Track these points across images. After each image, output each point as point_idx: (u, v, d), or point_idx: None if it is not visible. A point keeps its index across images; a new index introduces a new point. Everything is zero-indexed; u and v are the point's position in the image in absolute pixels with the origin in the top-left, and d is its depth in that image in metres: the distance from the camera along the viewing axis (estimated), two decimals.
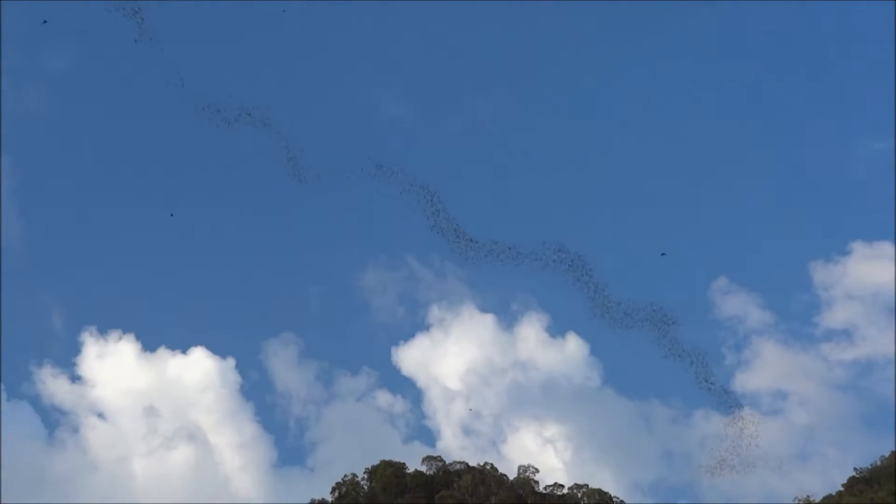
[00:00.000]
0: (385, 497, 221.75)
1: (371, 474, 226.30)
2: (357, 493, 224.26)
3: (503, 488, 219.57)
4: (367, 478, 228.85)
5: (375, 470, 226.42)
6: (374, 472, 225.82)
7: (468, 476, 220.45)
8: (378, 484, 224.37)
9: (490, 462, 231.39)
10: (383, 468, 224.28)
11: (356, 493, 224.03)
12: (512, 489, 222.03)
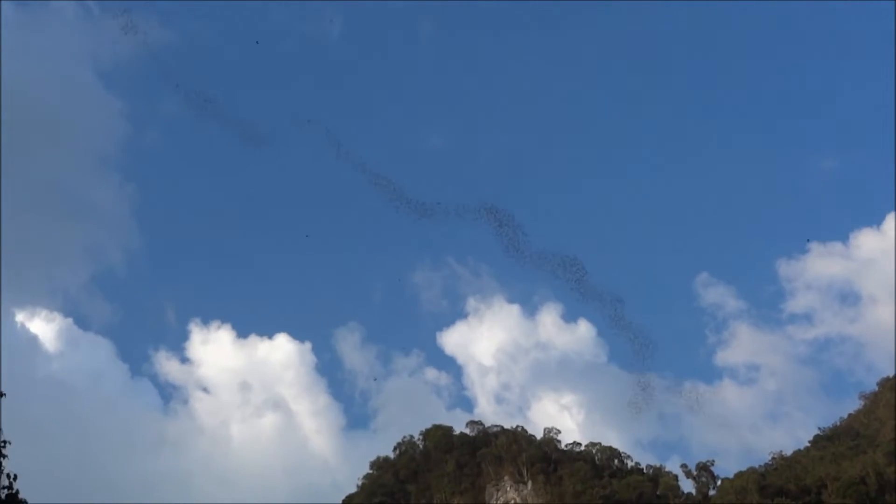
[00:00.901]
0: (436, 454, 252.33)
1: (425, 436, 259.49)
2: (414, 451, 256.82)
3: (532, 446, 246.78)
4: (421, 438, 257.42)
5: (428, 432, 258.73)
6: (427, 434, 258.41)
7: (503, 437, 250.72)
8: (430, 443, 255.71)
9: (520, 425, 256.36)
10: (434, 431, 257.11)
11: (413, 451, 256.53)
12: (539, 447, 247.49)
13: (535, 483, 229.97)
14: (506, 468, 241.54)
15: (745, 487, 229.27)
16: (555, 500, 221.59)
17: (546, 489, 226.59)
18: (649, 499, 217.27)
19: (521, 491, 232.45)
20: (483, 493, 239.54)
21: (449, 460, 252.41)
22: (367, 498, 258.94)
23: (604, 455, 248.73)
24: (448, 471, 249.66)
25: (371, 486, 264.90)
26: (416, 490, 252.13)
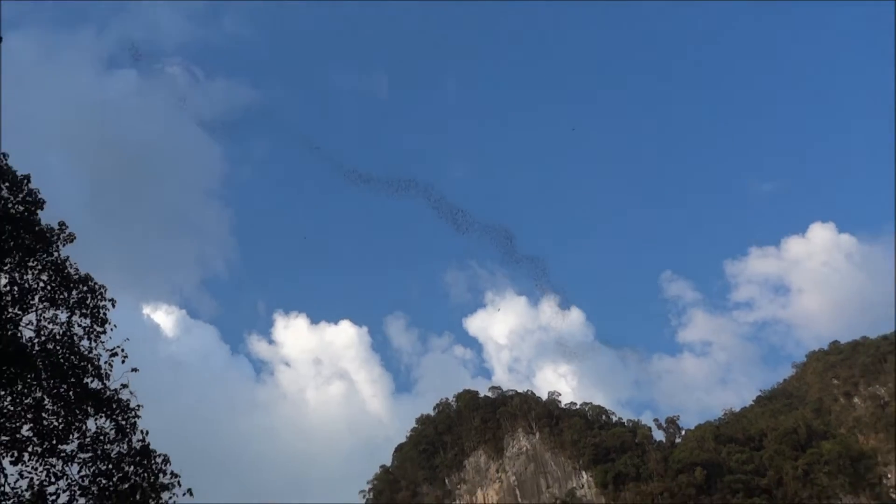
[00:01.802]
0: (466, 412, 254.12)
1: (457, 398, 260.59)
2: (448, 410, 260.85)
3: (539, 405, 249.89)
4: (454, 400, 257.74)
5: (459, 395, 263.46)
6: (459, 396, 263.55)
7: (517, 398, 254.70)
8: (461, 404, 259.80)
9: (530, 389, 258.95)
10: (464, 394, 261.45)
11: (448, 410, 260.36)
12: (544, 406, 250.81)
13: (541, 434, 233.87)
14: (519, 422, 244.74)
15: (703, 436, 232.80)
16: (557, 446, 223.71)
17: (550, 438, 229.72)
18: (629, 446, 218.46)
19: (530, 440, 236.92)
20: (502, 442, 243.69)
21: (475, 417, 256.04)
22: (414, 446, 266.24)
23: (594, 412, 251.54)
24: (475, 425, 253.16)
25: (416, 437, 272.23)
26: (450, 440, 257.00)
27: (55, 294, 23.64)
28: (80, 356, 23.57)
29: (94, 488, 23.10)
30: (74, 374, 22.96)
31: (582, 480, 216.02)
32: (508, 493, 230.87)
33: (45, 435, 22.41)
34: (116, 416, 23.59)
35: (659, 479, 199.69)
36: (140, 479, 23.60)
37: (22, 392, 21.89)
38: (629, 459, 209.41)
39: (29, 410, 22.15)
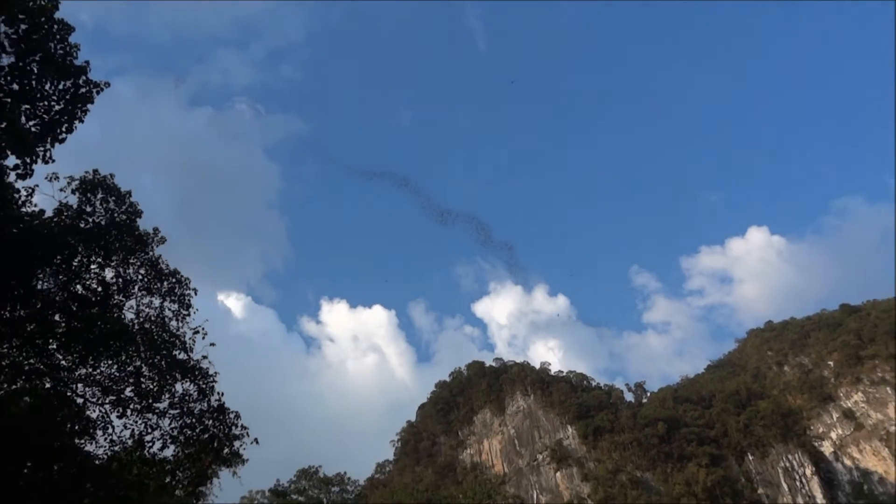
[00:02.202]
0: (475, 378, 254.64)
1: (468, 367, 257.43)
2: (461, 376, 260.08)
3: (533, 373, 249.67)
4: (466, 369, 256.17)
5: (469, 365, 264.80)
6: (469, 366, 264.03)
7: (515, 367, 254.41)
8: (471, 372, 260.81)
9: (526, 360, 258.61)
10: (473, 364, 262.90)
11: (460, 377, 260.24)
12: (538, 374, 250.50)
13: (535, 396, 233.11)
14: (517, 387, 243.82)
15: (664, 397, 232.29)
16: (547, 406, 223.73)
17: (542, 399, 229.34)
18: (605, 405, 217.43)
19: (526, 401, 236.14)
20: (503, 402, 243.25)
21: (482, 382, 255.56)
22: (433, 405, 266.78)
23: (577, 378, 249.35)
24: (482, 388, 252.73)
25: (435, 398, 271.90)
26: (462, 400, 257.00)
27: (151, 285, 23.92)
28: (170, 333, 23.88)
29: (181, 438, 23.42)
30: (166, 348, 23.29)
31: (568, 433, 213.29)
32: (509, 443, 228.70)
33: (143, 395, 22.74)
34: (198, 381, 23.91)
35: (629, 432, 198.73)
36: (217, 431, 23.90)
37: (125, 362, 22.19)
38: (605, 416, 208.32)
39: (131, 376, 22.46)
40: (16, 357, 21.99)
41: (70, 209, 22.19)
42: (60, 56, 16.70)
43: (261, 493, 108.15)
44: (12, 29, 16.02)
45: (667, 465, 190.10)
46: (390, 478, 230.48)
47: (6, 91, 16.36)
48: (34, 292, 21.06)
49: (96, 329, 20.64)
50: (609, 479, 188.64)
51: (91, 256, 22.21)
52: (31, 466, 20.42)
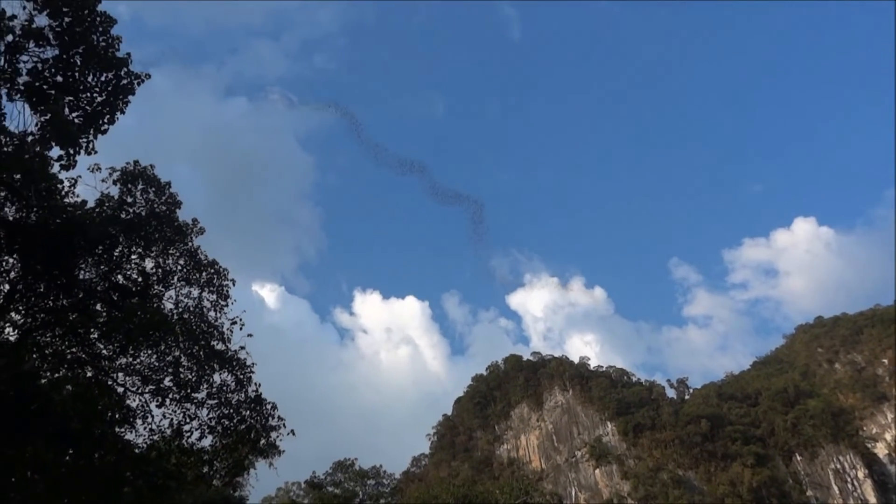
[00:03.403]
0: (512, 372, 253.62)
1: (505, 361, 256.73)
2: (498, 370, 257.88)
3: (571, 368, 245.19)
4: (503, 362, 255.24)
5: (507, 359, 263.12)
6: (507, 360, 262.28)
7: (554, 362, 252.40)
8: (508, 365, 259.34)
9: (564, 354, 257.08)
10: (511, 357, 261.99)
11: (498, 370, 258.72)
12: (576, 368, 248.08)
13: (573, 391, 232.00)
14: (555, 381, 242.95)
15: (708, 394, 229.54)
16: (586, 401, 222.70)
17: (581, 395, 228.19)
18: (646, 401, 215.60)
19: (565, 396, 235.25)
20: (541, 397, 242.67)
21: (520, 376, 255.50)
22: (470, 399, 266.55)
23: (617, 373, 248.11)
24: (519, 383, 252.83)
25: (472, 392, 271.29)
26: (499, 395, 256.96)
27: (189, 275, 24.43)
28: (208, 324, 24.37)
29: (219, 428, 23.90)
30: (204, 338, 23.77)
31: (607, 429, 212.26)
32: (546, 438, 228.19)
33: (181, 385, 23.26)
34: (236, 372, 24.36)
35: (671, 429, 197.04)
36: (254, 422, 24.34)
37: (164, 352, 22.72)
38: (646, 412, 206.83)
39: (170, 366, 22.99)
40: (58, 346, 22.70)
41: (111, 200, 22.82)
42: (103, 48, 17.14)
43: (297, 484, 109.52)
44: (56, 22, 16.50)
45: (710, 464, 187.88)
46: (426, 472, 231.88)
47: (50, 83, 16.85)
48: (76, 282, 21.69)
49: (136, 319, 21.16)
50: (650, 477, 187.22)
51: (132, 247, 22.79)
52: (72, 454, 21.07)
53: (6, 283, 21.73)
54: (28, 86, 16.73)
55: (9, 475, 19.90)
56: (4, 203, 21.34)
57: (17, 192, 20.47)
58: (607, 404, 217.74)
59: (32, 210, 21.04)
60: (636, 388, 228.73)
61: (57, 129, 17.06)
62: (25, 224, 20.92)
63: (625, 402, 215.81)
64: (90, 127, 17.85)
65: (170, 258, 23.83)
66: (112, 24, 17.47)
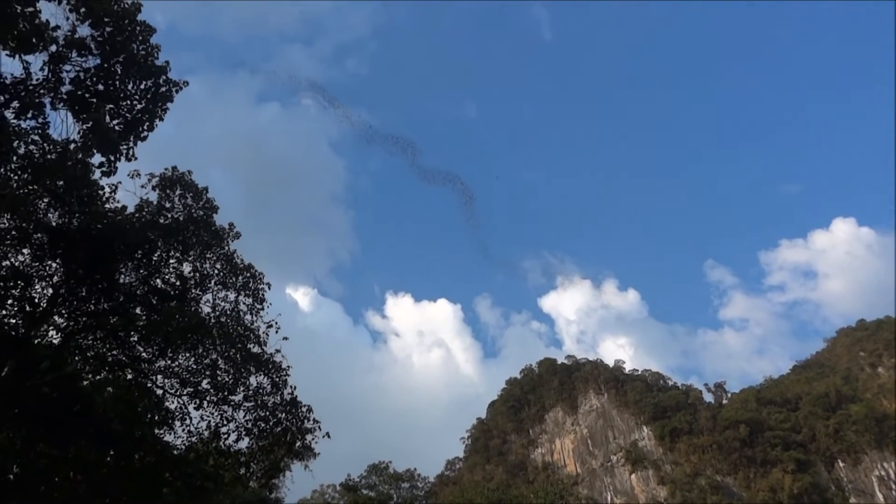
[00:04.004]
0: (546, 376, 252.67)
1: (539, 364, 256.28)
2: (532, 373, 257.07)
3: (606, 371, 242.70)
4: (537, 366, 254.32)
5: (541, 362, 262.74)
6: (541, 363, 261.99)
7: (588, 365, 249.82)
8: (543, 369, 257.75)
9: (599, 357, 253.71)
10: (545, 361, 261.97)
11: (532, 374, 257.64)
12: (611, 372, 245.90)
13: (609, 395, 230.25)
14: (590, 385, 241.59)
15: (746, 399, 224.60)
16: (622, 405, 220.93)
17: (616, 398, 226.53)
18: (683, 405, 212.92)
19: (600, 399, 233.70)
20: (576, 401, 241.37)
21: (554, 380, 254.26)
22: (504, 403, 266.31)
23: (653, 377, 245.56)
24: (554, 386, 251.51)
25: (506, 396, 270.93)
26: (534, 398, 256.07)
27: (226, 279, 24.82)
28: (245, 327, 24.71)
29: (255, 430, 24.21)
30: (240, 341, 24.10)
31: (643, 434, 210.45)
32: (581, 443, 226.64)
33: (219, 388, 23.62)
34: (272, 374, 24.66)
35: (708, 434, 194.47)
36: (290, 424, 24.60)
37: (202, 354, 23.11)
38: (683, 417, 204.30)
39: (207, 368, 23.36)
40: (100, 348, 23.23)
41: (150, 205, 23.34)
42: (142, 57, 17.54)
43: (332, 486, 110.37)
44: (98, 31, 16.92)
45: (749, 469, 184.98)
46: (460, 475, 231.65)
47: (92, 92, 17.30)
48: (117, 286, 22.18)
49: (175, 322, 21.58)
50: (687, 482, 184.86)
51: (170, 251, 23.26)
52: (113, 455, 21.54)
53: (49, 288, 22.32)
54: (71, 95, 17.18)
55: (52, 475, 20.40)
56: (48, 209, 21.95)
57: (60, 199, 21.02)
58: (643, 408, 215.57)
59: (74, 216, 21.59)
60: (672, 392, 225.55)
61: (98, 137, 17.50)
62: (68, 229, 21.46)
63: (661, 407, 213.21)
64: (130, 134, 18.28)
65: (207, 262, 24.24)
66: (151, 34, 17.86)
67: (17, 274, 21.99)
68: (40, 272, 22.42)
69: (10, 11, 15.26)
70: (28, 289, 22.25)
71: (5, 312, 22.23)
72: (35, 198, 21.68)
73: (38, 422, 20.47)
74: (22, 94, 16.91)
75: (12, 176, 20.25)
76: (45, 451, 21.02)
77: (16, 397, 19.86)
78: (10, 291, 22.07)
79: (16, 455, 21.11)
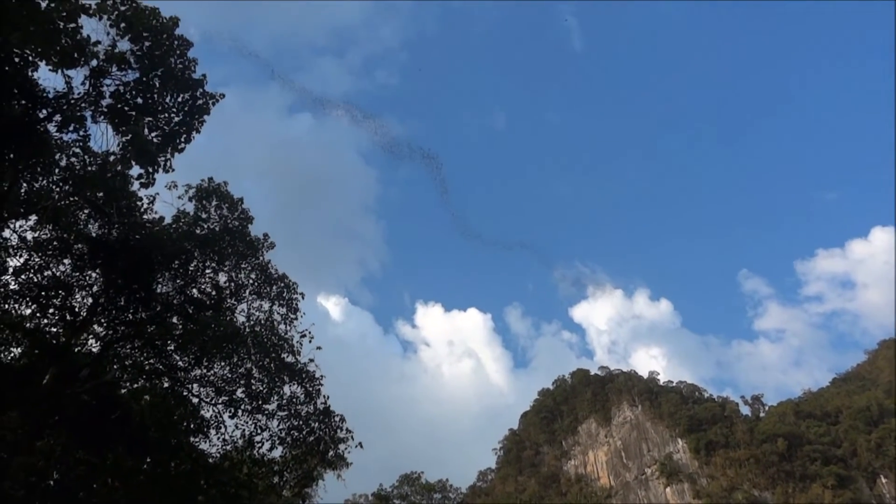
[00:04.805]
0: (579, 387, 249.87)
1: (572, 375, 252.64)
2: (565, 384, 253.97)
3: (640, 382, 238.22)
4: (570, 377, 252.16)
5: (574, 373, 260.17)
6: (574, 374, 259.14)
7: (622, 376, 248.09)
8: (575, 380, 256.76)
9: (633, 369, 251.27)
10: (578, 372, 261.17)
11: (564, 385, 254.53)
12: (646, 383, 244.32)
13: (643, 407, 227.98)
14: (623, 396, 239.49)
15: (784, 412, 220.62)
16: (656, 417, 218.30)
17: (650, 410, 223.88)
18: (719, 418, 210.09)
19: (634, 411, 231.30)
20: (609, 412, 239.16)
21: (587, 391, 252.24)
22: (536, 413, 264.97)
23: (688, 389, 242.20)
24: (587, 398, 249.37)
25: (538, 406, 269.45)
26: (566, 409, 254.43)
27: (261, 289, 25.11)
28: (279, 336, 24.95)
29: (289, 439, 24.40)
30: (275, 351, 24.35)
31: (678, 446, 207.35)
32: (615, 455, 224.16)
33: (253, 397, 23.87)
34: (305, 384, 24.85)
35: (745, 447, 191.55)
36: (323, 433, 24.76)
37: (237, 363, 23.39)
38: (719, 430, 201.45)
39: (242, 378, 23.64)
40: (137, 357, 23.65)
41: (187, 216, 23.71)
42: (180, 70, 17.88)
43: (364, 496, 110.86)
44: (137, 46, 17.31)
45: (788, 484, 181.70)
46: (492, 486, 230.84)
47: (131, 105, 17.67)
48: (154, 295, 22.57)
49: (210, 331, 21.90)
50: (724, 497, 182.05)
51: (206, 261, 23.61)
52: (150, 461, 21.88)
53: (89, 297, 22.78)
54: (111, 108, 17.57)
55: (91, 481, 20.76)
56: (88, 220, 22.44)
57: (100, 210, 21.49)
58: (678, 420, 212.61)
59: (114, 226, 22.04)
60: (708, 405, 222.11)
61: (137, 149, 17.87)
62: (107, 240, 21.92)
63: (696, 419, 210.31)
64: (168, 146, 18.64)
65: (242, 272, 24.56)
66: (189, 47, 18.21)
67: (59, 283, 22.51)
68: (81, 282, 22.92)
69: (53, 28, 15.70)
70: (69, 298, 22.76)
71: (47, 321, 22.78)
72: (76, 209, 22.23)
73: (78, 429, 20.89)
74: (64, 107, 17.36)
75: (54, 188, 20.80)
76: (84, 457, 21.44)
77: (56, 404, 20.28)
78: (51, 301, 22.60)
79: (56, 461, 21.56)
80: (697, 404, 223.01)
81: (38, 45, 15.79)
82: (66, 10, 15.89)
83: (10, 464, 20.20)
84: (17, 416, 20.52)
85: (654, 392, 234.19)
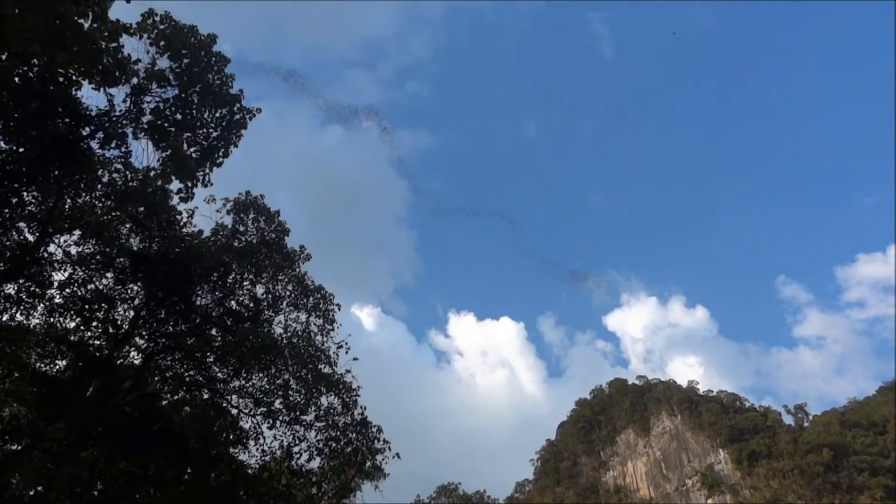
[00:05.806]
0: (617, 397, 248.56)
1: (610, 385, 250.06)
2: (602, 394, 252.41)
3: (680, 392, 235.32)
4: (608, 386, 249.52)
5: (612, 382, 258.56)
6: (611, 383, 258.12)
7: (661, 385, 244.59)
8: (613, 389, 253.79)
9: (672, 378, 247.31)
10: (616, 381, 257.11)
11: (602, 394, 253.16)
12: (685, 392, 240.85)
13: (682, 416, 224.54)
14: (662, 406, 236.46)
15: (829, 421, 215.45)
16: (696, 427, 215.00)
17: (690, 420, 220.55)
18: (761, 428, 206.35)
19: (673, 421, 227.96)
20: (648, 422, 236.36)
21: (625, 400, 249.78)
22: (574, 424, 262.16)
23: (728, 398, 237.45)
24: (625, 407, 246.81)
25: (576, 416, 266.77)
26: (604, 419, 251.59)
27: (297, 300, 25.38)
28: (316, 348, 25.16)
29: (327, 450, 24.54)
30: (312, 362, 24.56)
31: (719, 457, 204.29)
32: (655, 466, 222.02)
33: (291, 408, 24.08)
34: (342, 395, 25.01)
35: (789, 458, 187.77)
36: (360, 444, 24.87)
37: (275, 375, 23.64)
38: (761, 440, 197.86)
39: (280, 389, 23.87)
40: (178, 369, 24.04)
41: (225, 229, 24.12)
42: (218, 86, 18.26)
43: None
44: (176, 63, 17.74)
45: (834, 496, 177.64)
46: (530, 498, 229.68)
47: (171, 121, 18.12)
48: (194, 308, 22.96)
49: (249, 343, 22.17)
50: None
51: (244, 273, 23.96)
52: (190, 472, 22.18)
53: (131, 310, 23.26)
54: (151, 124, 18.03)
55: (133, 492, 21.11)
56: (129, 234, 22.95)
57: (141, 224, 21.96)
58: (719, 430, 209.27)
59: (154, 240, 22.51)
60: (750, 414, 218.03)
61: (177, 164, 18.28)
62: (148, 253, 22.38)
63: (738, 429, 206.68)
64: (206, 161, 19.03)
65: (279, 284, 24.88)
66: (226, 64, 18.59)
67: (102, 297, 23.02)
68: (123, 295, 23.42)
69: (95, 48, 16.15)
70: (111, 311, 23.26)
71: (91, 334, 23.30)
72: (118, 223, 22.76)
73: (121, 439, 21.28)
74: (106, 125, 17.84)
75: (97, 203, 21.34)
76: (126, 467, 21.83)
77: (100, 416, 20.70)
78: (95, 314, 23.12)
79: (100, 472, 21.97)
80: (739, 414, 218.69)
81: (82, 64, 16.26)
82: (108, 31, 16.36)
83: (56, 474, 20.69)
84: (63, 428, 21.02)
85: (694, 401, 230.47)
